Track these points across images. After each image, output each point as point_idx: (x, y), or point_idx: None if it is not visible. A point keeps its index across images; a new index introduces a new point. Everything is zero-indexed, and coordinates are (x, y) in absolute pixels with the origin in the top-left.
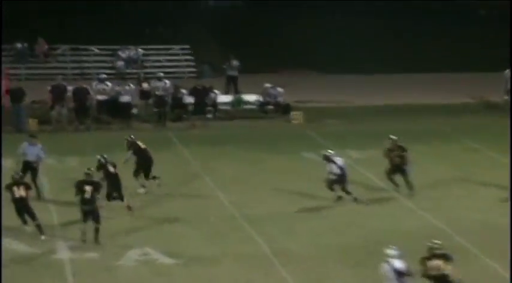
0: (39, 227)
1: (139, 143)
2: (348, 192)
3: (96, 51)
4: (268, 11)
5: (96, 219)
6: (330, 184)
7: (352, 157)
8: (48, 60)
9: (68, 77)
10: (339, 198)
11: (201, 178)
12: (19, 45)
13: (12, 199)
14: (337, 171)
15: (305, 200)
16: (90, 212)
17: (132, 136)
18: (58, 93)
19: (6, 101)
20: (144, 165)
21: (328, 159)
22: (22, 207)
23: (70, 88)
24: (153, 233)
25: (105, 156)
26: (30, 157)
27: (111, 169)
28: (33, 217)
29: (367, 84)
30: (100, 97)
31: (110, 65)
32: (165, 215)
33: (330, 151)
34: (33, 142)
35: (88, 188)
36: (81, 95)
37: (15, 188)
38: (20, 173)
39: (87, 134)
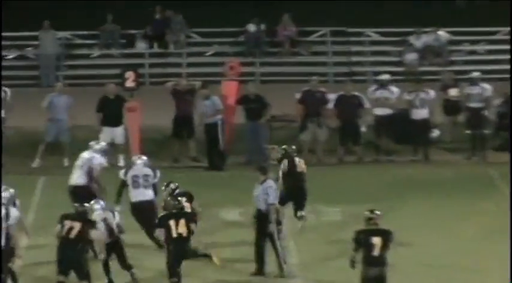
0: None
1: (298, 162)
2: None
3: (373, 36)
4: None
5: None
6: None
7: None
8: (297, 51)
9: (328, 78)
10: None
11: None
12: (252, 27)
13: (167, 240)
14: None
15: None
16: (377, 280)
17: (293, 147)
18: (312, 105)
19: (230, 115)
20: (293, 195)
21: None
22: (181, 252)
23: (332, 96)
24: None
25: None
26: (262, 205)
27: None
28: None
29: None
30: (380, 111)
31: (396, 59)
32: None
33: None
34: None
35: (376, 240)
36: (349, 107)
37: (171, 223)
38: (180, 200)
39: (357, 169)
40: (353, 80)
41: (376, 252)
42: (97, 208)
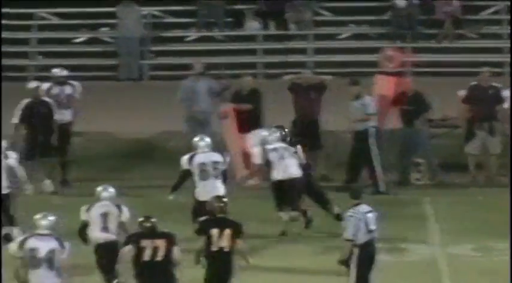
0: None
1: None
2: None
3: None
4: None
5: None
6: None
7: None
8: (462, 33)
9: (503, 70)
10: None
11: None
12: (401, 1)
13: (205, 253)
14: None
15: None
16: None
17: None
18: (482, 105)
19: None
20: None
21: None
22: (220, 271)
23: (509, 93)
24: None
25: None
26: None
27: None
28: None
29: None
30: None
31: None
32: None
33: None
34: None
35: None
36: None
37: (214, 232)
38: None
39: None
40: None
41: None
42: (104, 197)
